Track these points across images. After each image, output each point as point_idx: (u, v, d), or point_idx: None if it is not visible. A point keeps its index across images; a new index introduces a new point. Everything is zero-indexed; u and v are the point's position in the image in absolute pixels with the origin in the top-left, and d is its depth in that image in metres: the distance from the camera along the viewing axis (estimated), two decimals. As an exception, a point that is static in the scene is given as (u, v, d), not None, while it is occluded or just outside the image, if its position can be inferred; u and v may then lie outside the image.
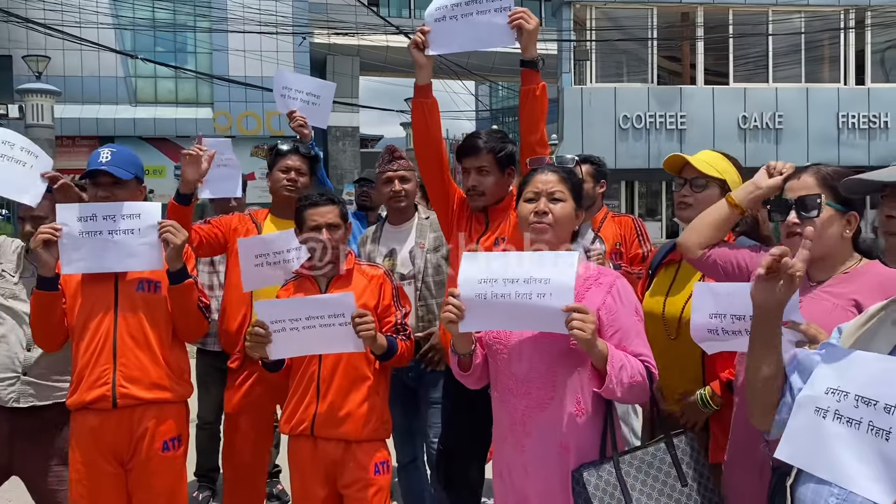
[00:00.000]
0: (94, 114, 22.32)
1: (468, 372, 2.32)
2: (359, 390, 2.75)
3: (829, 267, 2.08)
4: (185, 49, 23.66)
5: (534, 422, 2.19)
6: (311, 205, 2.82)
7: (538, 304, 2.07)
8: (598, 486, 2.06)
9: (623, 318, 2.20)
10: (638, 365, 2.14)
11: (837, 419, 1.39)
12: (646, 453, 2.13)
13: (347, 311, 2.55)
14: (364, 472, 2.74)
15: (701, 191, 2.56)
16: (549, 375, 2.19)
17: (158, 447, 2.79)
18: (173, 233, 2.72)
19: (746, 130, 17.63)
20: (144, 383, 2.76)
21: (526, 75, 2.86)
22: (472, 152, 2.99)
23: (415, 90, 2.98)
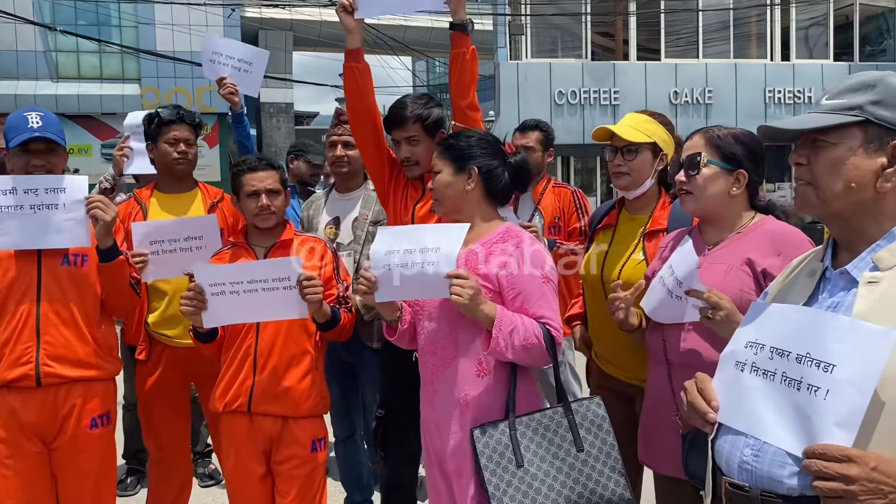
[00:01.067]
0: (13, 90, 21.28)
1: (395, 337, 2.43)
2: (299, 365, 2.69)
3: (721, 227, 2.16)
4: (109, 22, 22.71)
5: (439, 379, 2.27)
6: (250, 169, 2.71)
7: (428, 271, 2.16)
8: (489, 445, 2.10)
9: (524, 281, 2.23)
10: (533, 327, 2.16)
11: (754, 372, 1.41)
12: (544, 416, 2.16)
13: (293, 275, 2.48)
14: (301, 449, 2.69)
15: (634, 157, 2.58)
16: (452, 335, 2.26)
17: (86, 424, 2.68)
18: (102, 209, 2.58)
19: (678, 105, 17.95)
20: (70, 361, 2.64)
21: (456, 38, 2.83)
22: (399, 123, 2.94)
23: (346, 55, 2.92)
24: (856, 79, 1.43)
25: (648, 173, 2.61)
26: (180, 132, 3.26)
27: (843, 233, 1.47)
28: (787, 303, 1.49)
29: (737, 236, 2.12)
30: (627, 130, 2.58)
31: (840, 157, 1.40)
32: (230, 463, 2.75)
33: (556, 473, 2.09)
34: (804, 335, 1.33)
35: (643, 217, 2.66)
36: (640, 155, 2.58)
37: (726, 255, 2.09)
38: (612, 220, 2.74)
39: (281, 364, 2.67)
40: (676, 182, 2.18)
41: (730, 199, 2.13)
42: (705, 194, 2.12)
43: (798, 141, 1.47)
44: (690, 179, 2.13)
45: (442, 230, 2.23)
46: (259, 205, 2.69)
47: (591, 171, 18.58)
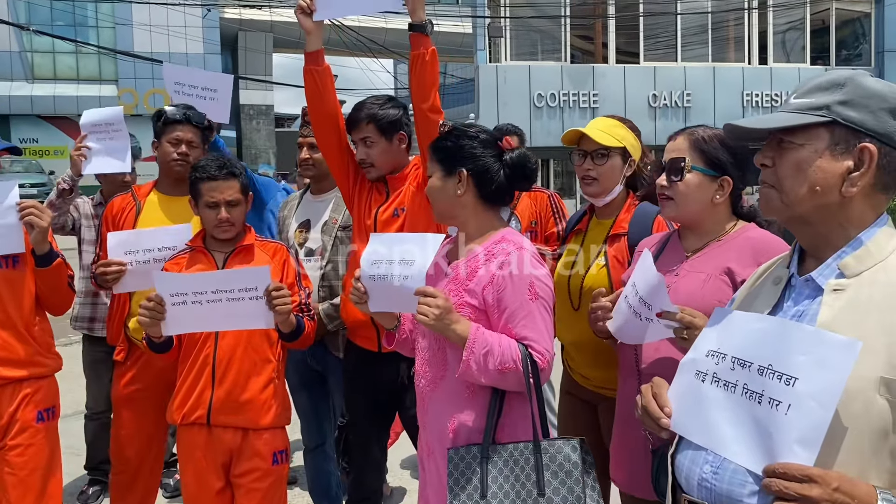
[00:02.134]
0: (-13, 91, 21.04)
1: (393, 344, 2.32)
2: (260, 375, 2.59)
3: (702, 234, 2.07)
4: (85, 23, 22.51)
5: (430, 399, 2.16)
6: (209, 178, 2.61)
7: (403, 285, 2.05)
8: (458, 467, 1.98)
9: (511, 298, 2.04)
10: (512, 350, 1.97)
11: (715, 382, 1.35)
12: (516, 448, 1.97)
13: (262, 285, 2.37)
14: (262, 462, 2.59)
15: (604, 162, 2.51)
16: (441, 353, 2.13)
17: (32, 418, 2.65)
18: (37, 215, 2.51)
19: (657, 108, 18.06)
20: (12, 362, 2.61)
21: (414, 39, 2.76)
22: (354, 124, 2.86)
23: (305, 57, 2.84)
24: (825, 77, 1.36)
25: (617, 179, 2.54)
26: (184, 133, 3.15)
27: (808, 238, 1.41)
28: (752, 310, 1.42)
29: (717, 244, 2.03)
30: (598, 134, 2.51)
31: (805, 158, 1.33)
32: (188, 476, 2.65)
33: None
34: (766, 345, 1.27)
35: (608, 222, 2.59)
36: (611, 160, 2.51)
37: (705, 263, 2.00)
38: (582, 226, 2.69)
39: (241, 374, 2.57)
40: (657, 185, 2.07)
41: (712, 207, 2.03)
42: (687, 201, 2.02)
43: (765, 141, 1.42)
44: (672, 185, 2.03)
45: (420, 240, 2.10)
46: (219, 217, 2.60)
47: (570, 174, 18.61)
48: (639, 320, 1.90)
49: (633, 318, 1.93)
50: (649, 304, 1.84)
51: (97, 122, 3.42)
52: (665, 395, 1.43)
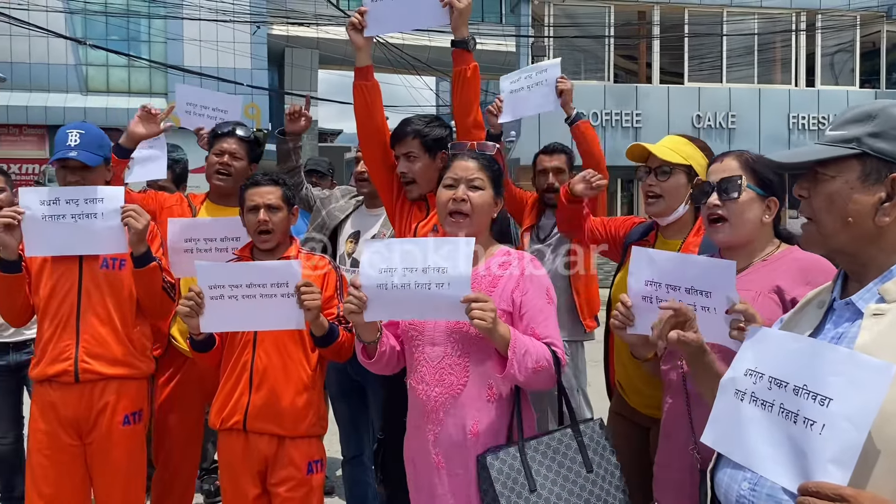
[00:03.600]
0: (43, 102, 21.68)
1: (373, 359, 2.30)
2: (295, 383, 2.65)
3: (749, 253, 2.07)
4: (138, 37, 23.12)
5: (447, 408, 2.18)
6: (253, 184, 2.72)
7: (437, 293, 2.06)
8: (502, 471, 2.04)
9: (533, 301, 2.20)
10: (543, 350, 2.12)
11: (753, 401, 1.37)
12: (552, 439, 2.12)
13: (292, 281, 2.43)
14: (297, 471, 2.64)
15: (667, 178, 2.49)
16: (462, 360, 2.18)
17: (119, 420, 2.80)
18: (135, 217, 2.70)
19: (700, 129, 17.89)
20: (107, 359, 2.80)
21: (457, 56, 2.83)
22: (400, 138, 2.94)
23: (355, 73, 2.92)
24: (857, 109, 1.39)
25: (682, 197, 2.51)
26: (228, 145, 3.29)
27: (849, 265, 1.43)
28: (794, 332, 1.45)
29: (762, 264, 2.04)
30: (663, 150, 2.49)
31: (837, 190, 1.36)
32: (226, 481, 2.72)
33: (568, 496, 2.06)
34: (802, 366, 1.30)
35: (676, 242, 2.56)
36: (674, 177, 2.48)
37: (753, 281, 2.01)
38: (646, 243, 2.65)
39: (278, 382, 2.63)
40: (708, 206, 2.05)
41: (761, 227, 2.05)
42: (741, 220, 2.02)
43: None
44: (726, 203, 2.02)
45: (444, 246, 2.10)
46: (257, 219, 2.68)
47: (611, 194, 18.52)
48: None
49: None
50: (706, 293, 1.83)
51: None
52: None
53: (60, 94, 22.24)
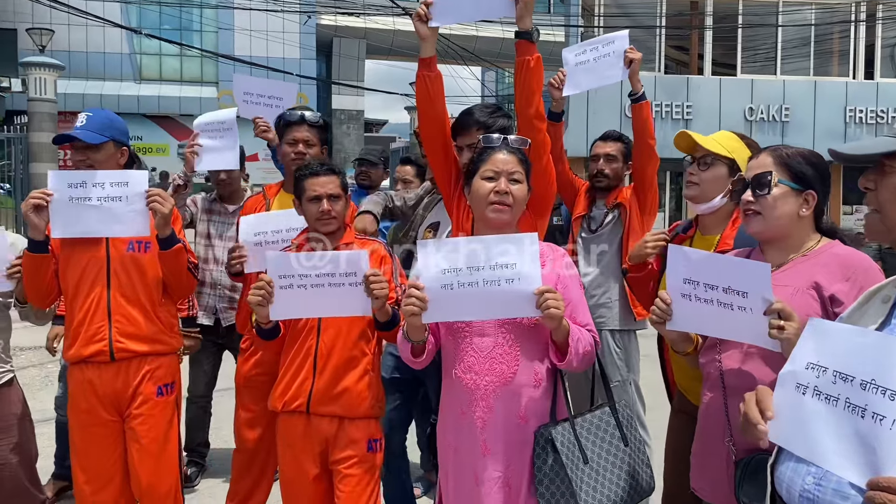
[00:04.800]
0: (98, 90, 22.26)
1: (420, 358, 2.33)
2: (357, 366, 2.72)
3: (786, 249, 2.06)
4: (190, 27, 23.55)
5: (497, 396, 2.23)
6: (312, 174, 2.76)
7: (506, 289, 2.10)
8: (563, 444, 2.16)
9: (572, 290, 2.30)
10: (588, 336, 2.26)
11: (816, 395, 1.36)
12: (594, 416, 2.30)
13: (360, 270, 2.48)
14: (359, 450, 2.71)
15: (707, 169, 2.52)
16: (513, 350, 2.24)
17: (153, 392, 2.96)
18: (160, 202, 2.79)
19: (753, 122, 17.52)
20: (139, 337, 2.91)
21: (521, 46, 2.83)
22: (464, 129, 2.95)
23: (419, 63, 2.94)
24: None
25: (720, 189, 2.52)
26: (300, 133, 3.34)
27: None
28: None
29: (802, 259, 2.03)
30: (708, 140, 2.52)
31: None
32: (286, 462, 2.79)
33: (611, 468, 2.21)
34: (869, 360, 1.28)
35: (713, 238, 2.58)
36: (714, 168, 2.51)
37: (792, 277, 2.00)
38: (690, 235, 2.68)
39: (340, 366, 2.69)
40: (743, 201, 2.08)
41: (798, 220, 2.04)
42: (774, 215, 2.03)
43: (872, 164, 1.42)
44: (759, 199, 2.04)
45: (506, 243, 2.13)
46: (321, 210, 2.73)
47: (660, 186, 18.29)
48: (710, 306, 1.92)
49: (701, 307, 1.94)
50: (743, 293, 1.86)
51: (210, 121, 3.63)
52: (769, 401, 1.44)
53: (115, 82, 22.80)
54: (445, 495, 2.39)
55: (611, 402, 2.35)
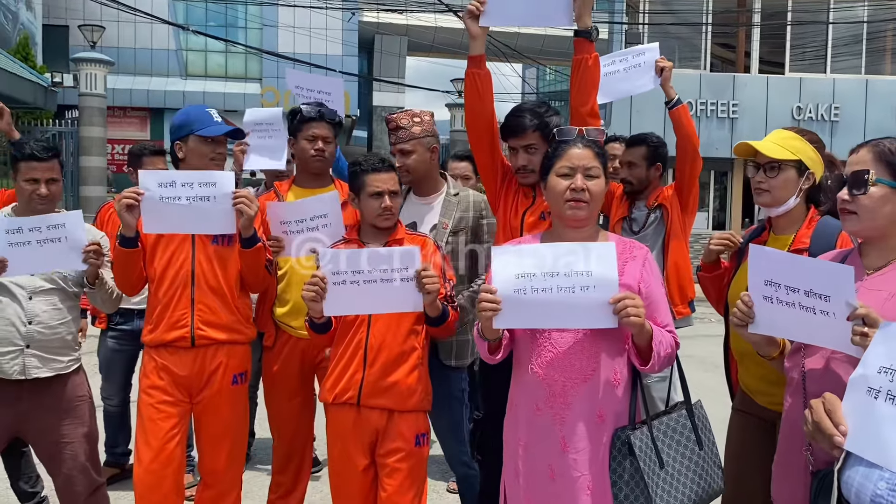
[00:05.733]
0: (146, 85, 22.66)
1: (497, 355, 2.33)
2: (406, 360, 2.74)
3: (886, 251, 1.95)
4: (235, 24, 23.83)
5: (574, 393, 2.20)
6: (373, 170, 2.79)
7: (582, 297, 2.07)
8: (641, 448, 2.13)
9: (654, 290, 2.28)
10: (669, 337, 2.23)
11: (890, 399, 1.33)
12: (670, 419, 2.26)
13: (412, 266, 2.51)
14: (406, 443, 2.74)
15: (776, 175, 2.45)
16: (593, 347, 2.20)
17: (229, 380, 3.05)
18: (247, 204, 2.88)
19: (800, 121, 17.16)
20: (218, 326, 3.03)
21: (579, 45, 2.83)
22: (517, 132, 2.94)
23: (468, 61, 2.95)
24: None
25: (792, 192, 2.46)
26: (319, 129, 3.35)
27: None
28: None
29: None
30: (770, 146, 2.44)
31: None
32: (335, 453, 2.82)
33: (686, 472, 2.20)
34: None
35: (787, 238, 2.51)
36: (783, 173, 2.43)
37: (887, 281, 1.90)
38: (761, 240, 2.60)
39: (390, 359, 2.72)
40: (839, 200, 1.98)
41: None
42: (871, 215, 1.91)
43: None
44: (855, 199, 1.93)
45: (582, 251, 2.12)
46: (383, 206, 2.76)
47: (703, 185, 18.03)
48: (793, 310, 1.86)
49: (784, 311, 1.88)
50: (825, 296, 1.79)
51: (258, 121, 3.70)
52: (839, 412, 1.40)
53: (162, 77, 23.19)
54: (513, 493, 2.36)
55: (687, 403, 2.31)
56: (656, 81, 3.58)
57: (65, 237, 2.85)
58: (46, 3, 21.45)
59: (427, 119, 3.23)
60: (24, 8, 20.47)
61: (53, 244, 2.84)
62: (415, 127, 3.22)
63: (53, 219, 2.86)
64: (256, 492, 4.20)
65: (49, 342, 2.99)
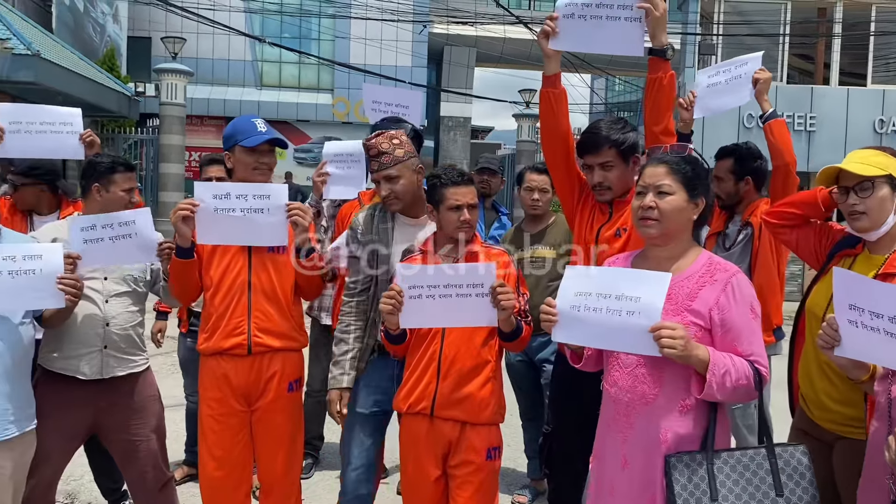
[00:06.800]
0: (223, 95, 23.37)
1: (581, 363, 2.39)
2: (480, 373, 2.75)
3: None
4: (309, 35, 24.36)
5: (637, 414, 2.19)
6: (453, 183, 2.80)
7: (627, 321, 2.09)
8: (684, 473, 2.06)
9: (735, 318, 2.16)
10: (744, 368, 2.11)
11: None
12: (744, 455, 2.12)
13: (487, 282, 2.53)
14: (477, 456, 2.74)
15: (869, 194, 2.35)
16: (656, 372, 2.18)
17: (284, 387, 3.10)
18: (301, 216, 2.94)
19: (883, 135, 16.49)
20: (274, 333, 3.06)
21: (653, 63, 2.80)
22: (593, 149, 2.91)
23: (543, 80, 2.95)
24: None
25: (889, 210, 2.36)
26: None
27: None
28: None
29: None
30: (857, 166, 2.35)
31: None
32: (408, 463, 2.85)
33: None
34: None
35: (880, 258, 2.41)
36: (877, 191, 2.34)
37: None
38: (852, 253, 2.51)
39: (463, 371, 2.73)
40: None
41: None
42: None
43: None
44: None
45: (640, 278, 2.14)
46: (461, 219, 2.78)
47: (777, 200, 17.50)
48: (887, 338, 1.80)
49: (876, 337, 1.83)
50: (880, 315, 1.79)
51: (338, 152, 3.77)
52: None
53: (238, 87, 23.87)
54: (591, 500, 2.41)
55: (768, 442, 2.19)
56: (752, 93, 3.44)
57: (135, 233, 2.93)
58: (131, 16, 22.37)
59: (405, 140, 3.03)
60: (111, 21, 21.39)
61: (125, 240, 2.92)
62: (397, 150, 2.98)
63: (124, 216, 2.95)
64: (325, 495, 4.28)
65: (123, 342, 3.11)
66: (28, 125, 3.55)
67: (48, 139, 3.56)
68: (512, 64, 27.89)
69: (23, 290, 2.61)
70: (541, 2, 27.88)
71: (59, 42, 14.94)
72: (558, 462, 3.16)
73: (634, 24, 2.73)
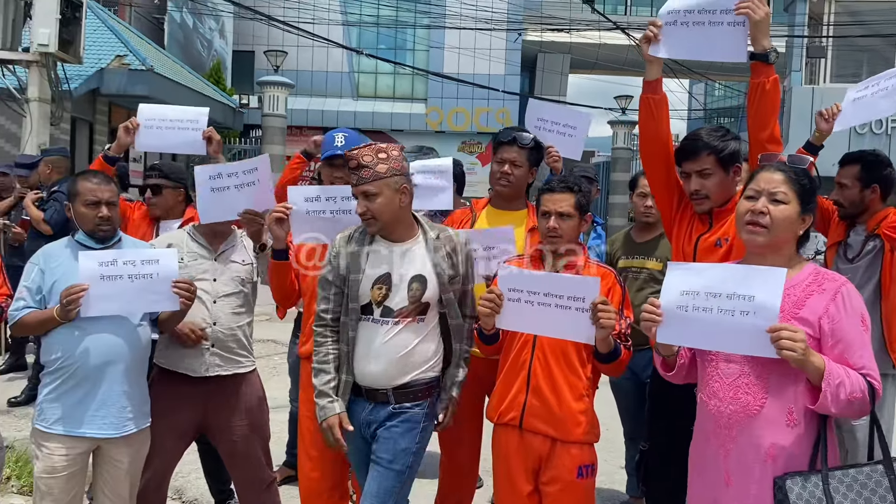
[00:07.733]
0: (321, 106, 24.05)
1: (672, 372, 2.32)
2: (571, 389, 2.67)
3: None
4: (404, 46, 24.78)
5: (740, 427, 2.11)
6: (548, 190, 2.79)
7: (740, 321, 2.00)
8: (801, 496, 1.97)
9: (846, 329, 2.06)
10: (859, 381, 2.01)
11: None
12: (860, 472, 2.02)
13: (589, 297, 2.43)
14: (567, 474, 2.67)
15: None
16: (761, 382, 2.09)
17: None
18: None
19: None
20: None
21: (756, 68, 2.68)
22: (691, 155, 2.81)
23: (644, 86, 2.88)
24: None
25: None
26: (508, 154, 3.37)
27: None
28: None
29: None
30: None
31: None
32: (501, 475, 2.81)
33: None
34: None
35: None
36: None
37: None
38: None
39: (554, 385, 2.66)
40: None
41: None
42: None
43: None
44: None
45: (751, 275, 2.05)
46: (548, 226, 2.75)
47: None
48: None
49: None
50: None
51: (426, 165, 3.82)
52: None
53: (335, 98, 24.53)
54: None
55: (886, 459, 2.06)
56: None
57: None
58: (236, 31, 23.36)
59: (395, 154, 2.68)
60: (218, 36, 22.39)
61: (250, 188, 3.16)
62: (380, 165, 2.64)
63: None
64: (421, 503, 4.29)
65: (229, 342, 3.20)
66: (160, 122, 3.84)
67: (176, 135, 3.83)
68: (607, 70, 27.49)
69: (141, 292, 2.77)
70: (637, 7, 27.40)
71: (171, 57, 15.77)
72: (655, 479, 3.08)
73: (737, 28, 2.64)
